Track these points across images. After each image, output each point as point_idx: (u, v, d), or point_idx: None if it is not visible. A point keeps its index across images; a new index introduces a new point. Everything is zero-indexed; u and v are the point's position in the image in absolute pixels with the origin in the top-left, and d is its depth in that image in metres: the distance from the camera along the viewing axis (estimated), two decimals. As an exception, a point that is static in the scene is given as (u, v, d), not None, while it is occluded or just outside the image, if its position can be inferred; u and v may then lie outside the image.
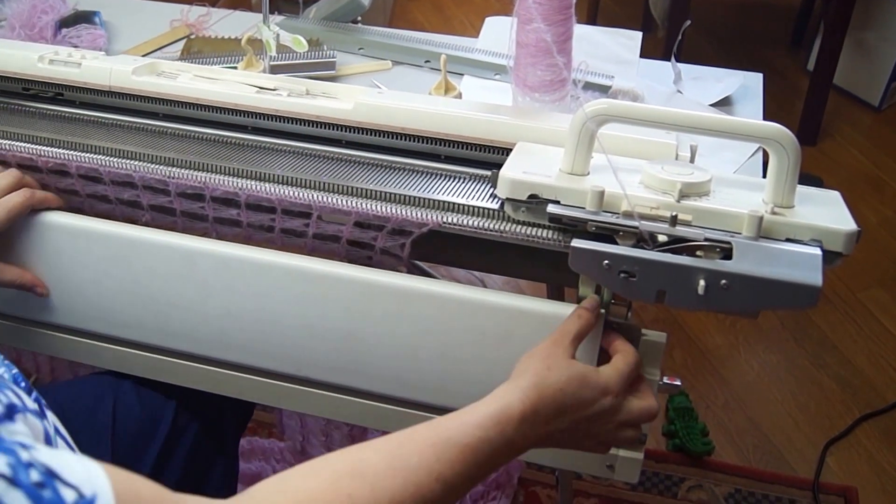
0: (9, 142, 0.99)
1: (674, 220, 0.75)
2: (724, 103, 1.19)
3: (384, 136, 0.97)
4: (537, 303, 0.83)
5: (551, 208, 0.79)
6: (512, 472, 1.57)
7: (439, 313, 0.84)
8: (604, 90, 1.19)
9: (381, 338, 0.87)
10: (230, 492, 0.92)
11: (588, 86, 1.18)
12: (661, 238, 0.75)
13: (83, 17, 1.33)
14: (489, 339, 0.84)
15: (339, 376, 0.90)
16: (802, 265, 0.72)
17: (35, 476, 0.43)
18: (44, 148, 0.97)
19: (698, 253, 0.75)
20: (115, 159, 0.94)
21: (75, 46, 1.27)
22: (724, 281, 0.72)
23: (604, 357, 0.80)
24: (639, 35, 1.34)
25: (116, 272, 0.93)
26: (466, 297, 0.84)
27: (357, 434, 1.23)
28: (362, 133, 0.97)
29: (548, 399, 0.70)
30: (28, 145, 0.98)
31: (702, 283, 0.73)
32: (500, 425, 0.67)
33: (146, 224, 0.96)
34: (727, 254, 0.74)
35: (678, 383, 0.85)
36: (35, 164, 0.97)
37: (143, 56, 1.29)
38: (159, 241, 0.91)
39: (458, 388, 0.86)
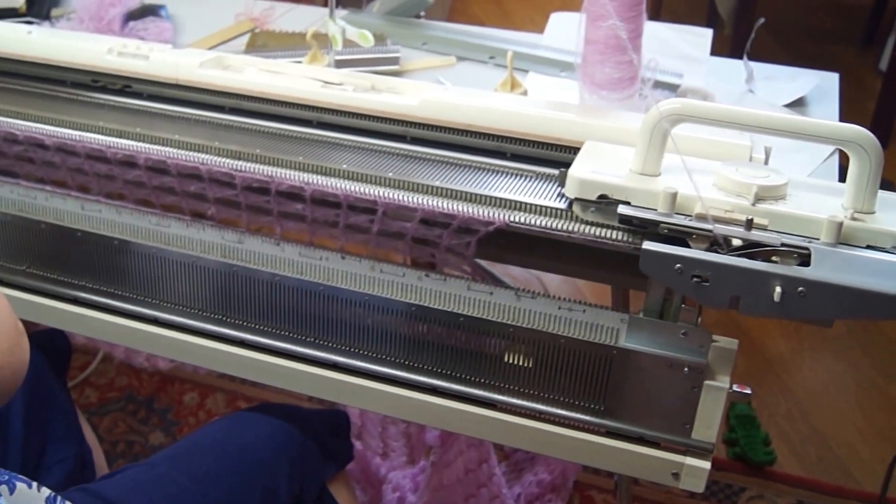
0: (79, 133, 1.01)
1: (749, 224, 0.74)
2: (797, 104, 1.17)
3: (449, 133, 0.97)
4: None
5: (622, 209, 0.78)
6: (568, 476, 1.57)
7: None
8: (672, 89, 1.18)
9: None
10: None
11: (656, 84, 1.17)
12: (736, 242, 0.74)
13: (150, 10, 1.36)
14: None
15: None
16: (884, 274, 0.70)
17: None
18: (112, 139, 0.99)
19: (774, 258, 0.74)
20: (182, 151, 0.96)
21: (142, 39, 1.30)
22: (801, 288, 0.71)
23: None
24: (709, 32, 1.32)
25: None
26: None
27: (414, 431, 1.24)
28: (428, 129, 0.97)
29: None
30: (97, 136, 1.00)
31: (778, 289, 0.71)
32: None
33: (211, 217, 0.97)
34: (804, 260, 0.73)
35: (748, 391, 0.83)
36: (104, 155, 0.98)
37: (209, 49, 1.31)
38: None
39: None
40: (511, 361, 0.85)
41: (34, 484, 0.83)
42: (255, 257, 0.92)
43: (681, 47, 1.29)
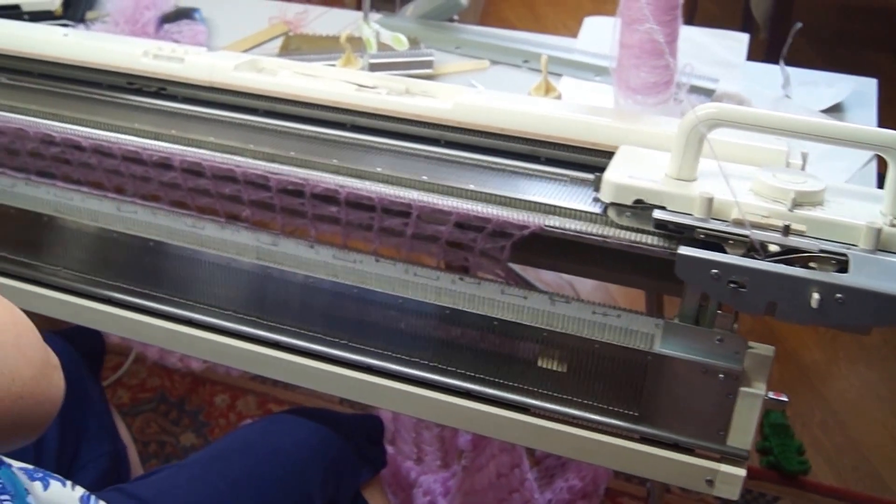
0: (115, 135, 1.02)
1: (787, 230, 0.74)
2: (834, 109, 1.16)
3: (484, 137, 0.97)
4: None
5: (658, 214, 0.78)
6: (599, 482, 1.56)
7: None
8: (707, 94, 1.17)
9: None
10: None
11: (691, 89, 1.17)
12: (773, 248, 0.74)
13: (184, 14, 1.37)
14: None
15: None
16: (924, 280, 0.70)
17: None
18: (148, 141, 1.00)
19: (811, 265, 0.74)
20: (217, 154, 0.97)
21: (177, 42, 1.31)
22: (839, 295, 0.71)
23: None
24: (745, 37, 1.32)
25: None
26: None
27: (448, 435, 1.24)
28: (462, 133, 0.98)
29: None
30: (133, 138, 1.01)
31: (815, 296, 0.71)
32: None
33: (246, 219, 0.98)
34: (842, 267, 0.73)
35: (785, 399, 0.83)
36: (140, 157, 1.00)
37: (242, 52, 1.32)
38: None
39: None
40: (545, 366, 0.85)
41: (68, 483, 0.84)
42: (289, 259, 0.93)
43: (716, 52, 1.29)
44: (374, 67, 1.19)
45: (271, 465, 0.99)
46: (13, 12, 1.39)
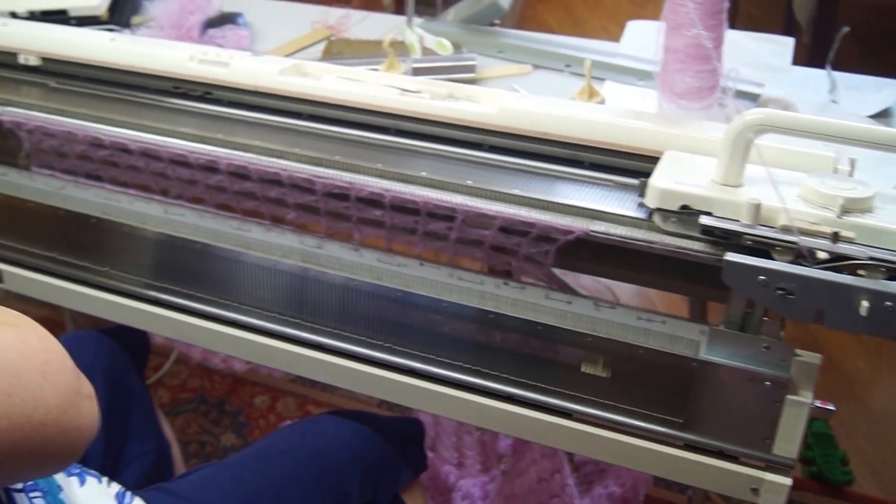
0: (162, 138, 1.04)
1: (835, 237, 0.74)
2: (882, 115, 1.15)
3: (527, 142, 0.98)
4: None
5: (704, 220, 0.78)
6: (639, 489, 1.56)
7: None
8: (752, 98, 1.17)
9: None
10: None
11: (736, 94, 1.16)
12: (821, 255, 0.74)
13: (228, 18, 1.39)
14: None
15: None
16: (977, 289, 0.70)
17: None
18: (195, 145, 1.02)
19: (860, 272, 0.73)
20: (263, 157, 0.98)
21: (221, 46, 1.33)
22: (888, 303, 0.70)
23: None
24: (791, 41, 1.31)
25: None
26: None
27: (488, 440, 1.25)
28: (506, 138, 0.98)
29: None
30: (180, 142, 1.03)
31: (865, 304, 0.71)
32: None
33: (291, 222, 0.99)
34: (892, 274, 0.72)
35: (831, 407, 0.83)
36: (186, 160, 1.02)
37: (286, 57, 1.34)
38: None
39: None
40: (588, 371, 0.86)
41: (104, 479, 0.86)
42: (333, 262, 0.94)
43: (761, 56, 1.28)
44: (417, 72, 1.19)
45: (311, 467, 1.00)
46: (60, 17, 1.42)
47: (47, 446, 0.59)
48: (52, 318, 2.07)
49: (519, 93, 1.16)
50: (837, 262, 0.73)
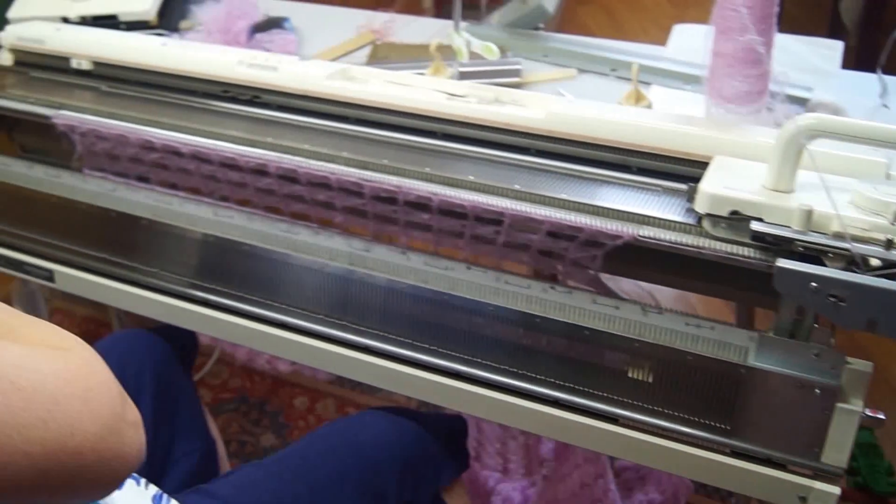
0: (213, 141, 1.06)
1: (889, 244, 0.73)
2: (934, 119, 1.14)
3: (575, 146, 0.98)
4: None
5: (756, 226, 0.78)
6: (679, 496, 1.55)
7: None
8: (801, 103, 1.16)
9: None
10: None
11: (784, 98, 1.16)
12: (874, 262, 0.74)
13: (275, 23, 1.41)
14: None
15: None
16: None
17: None
18: (245, 148, 1.04)
19: (914, 280, 0.73)
20: (312, 161, 1.00)
21: (268, 51, 1.35)
22: (943, 311, 0.70)
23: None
24: (839, 45, 1.30)
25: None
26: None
27: (532, 443, 1.25)
28: (553, 142, 0.99)
29: None
30: (230, 145, 1.05)
31: (919, 311, 0.71)
32: None
33: (339, 225, 1.01)
34: (947, 282, 0.72)
35: (881, 416, 0.82)
36: (236, 163, 1.03)
37: (332, 61, 1.35)
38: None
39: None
40: (635, 376, 0.86)
41: (143, 481, 0.87)
42: (380, 265, 0.95)
43: (810, 59, 1.27)
44: (462, 76, 1.20)
45: (350, 467, 1.00)
46: (110, 22, 1.45)
47: (84, 474, 0.58)
48: (97, 317, 2.11)
49: (564, 97, 1.17)
50: (890, 269, 0.73)
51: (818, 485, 0.83)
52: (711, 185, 0.82)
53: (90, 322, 2.11)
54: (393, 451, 1.03)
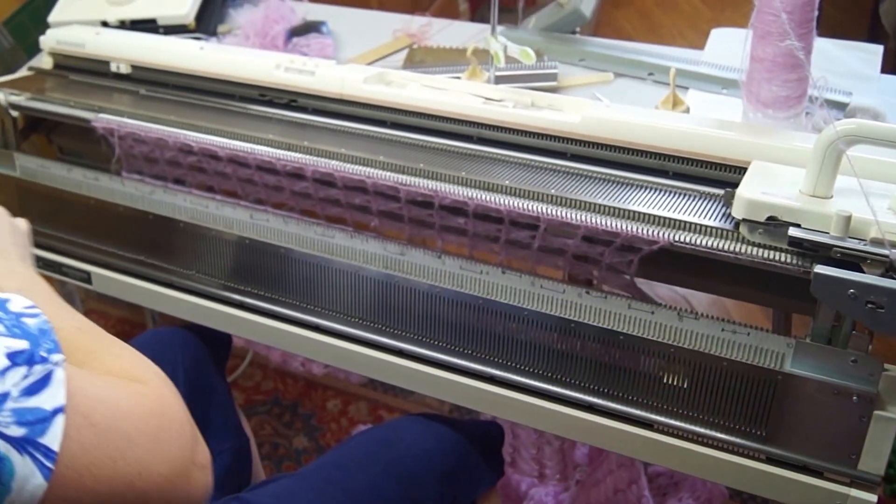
0: (250, 145, 1.08)
1: (928, 251, 0.73)
2: (976, 125, 1.13)
3: (611, 151, 0.99)
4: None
5: (793, 232, 0.78)
6: (713, 502, 1.55)
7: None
8: (840, 108, 1.16)
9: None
10: None
11: (823, 103, 1.16)
12: (914, 269, 0.74)
13: (312, 27, 1.43)
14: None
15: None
16: None
17: None
18: (282, 152, 1.05)
19: (954, 286, 0.73)
20: (348, 165, 1.01)
21: (305, 55, 1.37)
22: (983, 318, 0.70)
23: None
24: (879, 49, 1.29)
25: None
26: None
27: (567, 448, 1.25)
28: (589, 146, 1.00)
29: None
30: (267, 149, 1.06)
31: (958, 318, 0.71)
32: None
33: (374, 229, 1.02)
34: None
35: (921, 423, 0.82)
36: (273, 167, 1.05)
37: (368, 64, 1.37)
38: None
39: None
40: (670, 382, 0.86)
41: None
42: (416, 269, 0.96)
43: (849, 64, 1.27)
44: (499, 80, 1.21)
45: (389, 476, 1.00)
46: (149, 26, 1.47)
47: None
48: (132, 318, 2.15)
49: (601, 101, 1.17)
50: (930, 276, 0.73)
51: (854, 492, 0.83)
52: (749, 191, 0.82)
53: (125, 323, 2.15)
54: (432, 459, 1.03)
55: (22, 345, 0.53)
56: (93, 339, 0.65)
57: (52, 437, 0.51)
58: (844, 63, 1.28)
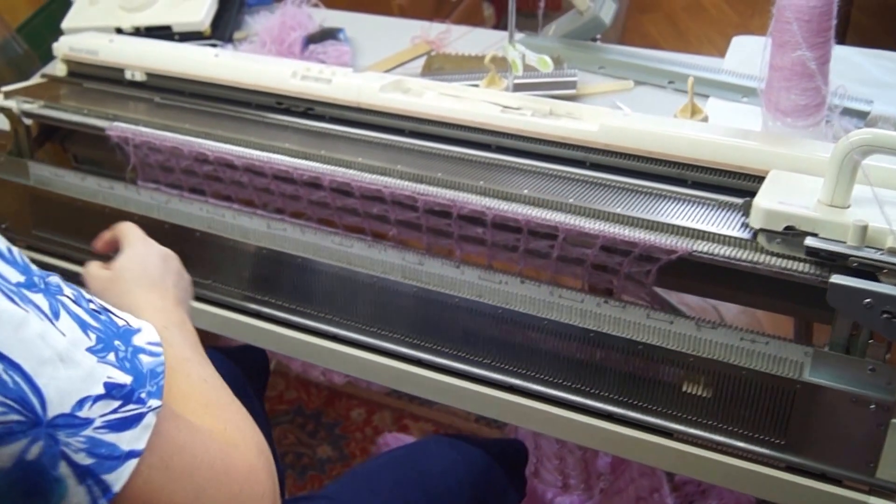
0: (266, 154, 1.12)
1: (944, 261, 0.77)
2: None
3: (630, 160, 1.03)
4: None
5: (810, 241, 0.82)
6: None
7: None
8: (861, 116, 1.19)
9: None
10: None
11: (844, 111, 1.19)
12: (930, 279, 0.77)
13: (329, 34, 1.47)
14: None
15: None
16: None
17: (93, 306, 0.57)
18: (299, 161, 1.09)
19: (970, 296, 0.76)
20: (366, 174, 1.05)
21: (322, 62, 1.41)
22: None
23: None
24: (903, 56, 1.33)
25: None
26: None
27: (590, 457, 1.28)
28: (608, 155, 1.03)
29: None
30: (284, 158, 1.10)
31: (974, 328, 0.74)
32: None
33: (392, 238, 1.06)
34: None
35: (938, 432, 0.85)
36: (290, 176, 1.09)
37: (386, 72, 1.41)
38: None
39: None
40: (689, 391, 0.90)
41: None
42: (434, 279, 1.00)
43: (872, 72, 1.30)
44: (517, 88, 1.25)
45: (418, 497, 1.02)
46: (164, 33, 1.52)
47: None
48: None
49: (621, 110, 1.21)
50: (946, 285, 0.76)
51: (873, 500, 0.86)
52: (767, 200, 0.86)
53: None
54: (461, 480, 1.06)
55: (125, 379, 0.54)
56: (214, 393, 0.67)
57: (117, 478, 0.52)
58: (867, 71, 1.31)
